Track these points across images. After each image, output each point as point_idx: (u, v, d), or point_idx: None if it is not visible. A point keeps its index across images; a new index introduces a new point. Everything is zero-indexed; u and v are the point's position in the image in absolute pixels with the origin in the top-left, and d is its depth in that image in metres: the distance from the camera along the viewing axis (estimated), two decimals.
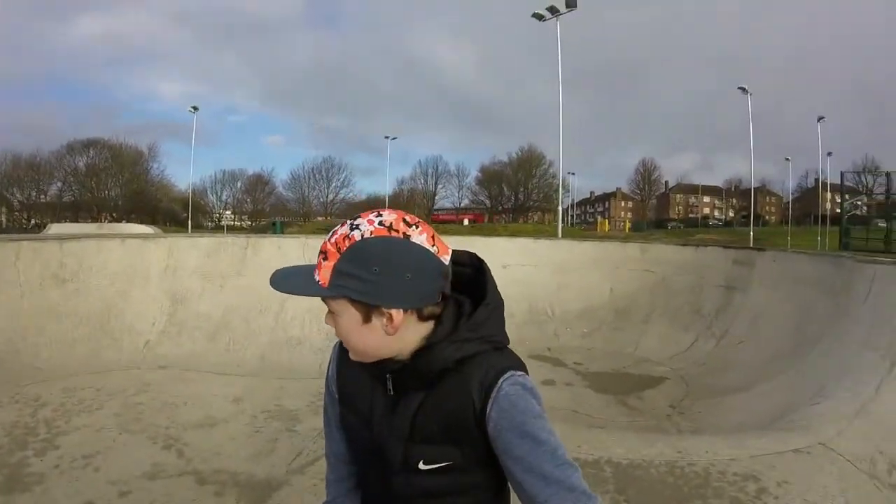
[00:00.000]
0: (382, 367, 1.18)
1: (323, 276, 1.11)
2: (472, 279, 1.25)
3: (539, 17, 30.12)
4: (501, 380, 1.13)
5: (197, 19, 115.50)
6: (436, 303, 1.14)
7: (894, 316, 5.89)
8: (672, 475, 4.11)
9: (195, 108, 53.01)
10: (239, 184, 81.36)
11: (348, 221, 1.13)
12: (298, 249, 8.42)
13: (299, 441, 4.75)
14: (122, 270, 7.47)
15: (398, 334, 1.12)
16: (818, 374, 6.23)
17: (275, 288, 1.16)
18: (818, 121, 48.02)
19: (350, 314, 1.12)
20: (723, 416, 6.40)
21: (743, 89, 42.22)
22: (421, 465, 1.18)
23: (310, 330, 7.53)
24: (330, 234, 1.13)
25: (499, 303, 1.25)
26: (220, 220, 72.53)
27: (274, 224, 57.35)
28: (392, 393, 1.20)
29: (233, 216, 77.43)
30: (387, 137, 65.28)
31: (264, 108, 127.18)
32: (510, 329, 1.28)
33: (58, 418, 4.98)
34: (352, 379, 1.29)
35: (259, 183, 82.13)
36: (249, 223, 75.48)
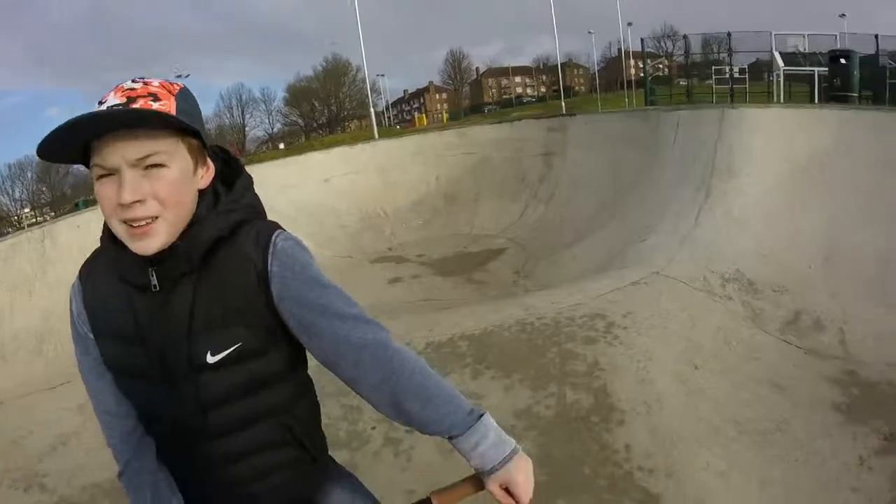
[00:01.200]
0: (141, 266, 1.05)
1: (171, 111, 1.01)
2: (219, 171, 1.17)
3: None
4: (275, 236, 1.09)
5: None
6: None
7: (701, 152, 6.28)
8: (524, 332, 4.07)
9: None
10: (29, 174, 69.97)
11: (142, 78, 1.05)
12: (98, 221, 7.02)
13: None
14: None
15: (189, 202, 1.06)
16: (642, 215, 6.56)
17: (129, 122, 0.98)
18: None
19: (184, 161, 1.04)
20: (563, 269, 6.63)
21: None
22: (209, 358, 1.06)
23: None
24: (135, 82, 1.03)
25: (251, 180, 1.21)
26: (21, 222, 62.61)
27: (77, 205, 50.23)
28: (158, 289, 1.07)
29: (33, 213, 67.06)
30: (178, 76, 58.48)
31: (35, 79, 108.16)
32: (346, 241, 0.90)
33: None
34: (101, 304, 1.13)
35: (50, 165, 71.36)
36: (52, 214, 65.84)
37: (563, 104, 35.05)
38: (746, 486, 2.82)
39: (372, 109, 30.23)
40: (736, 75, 23.39)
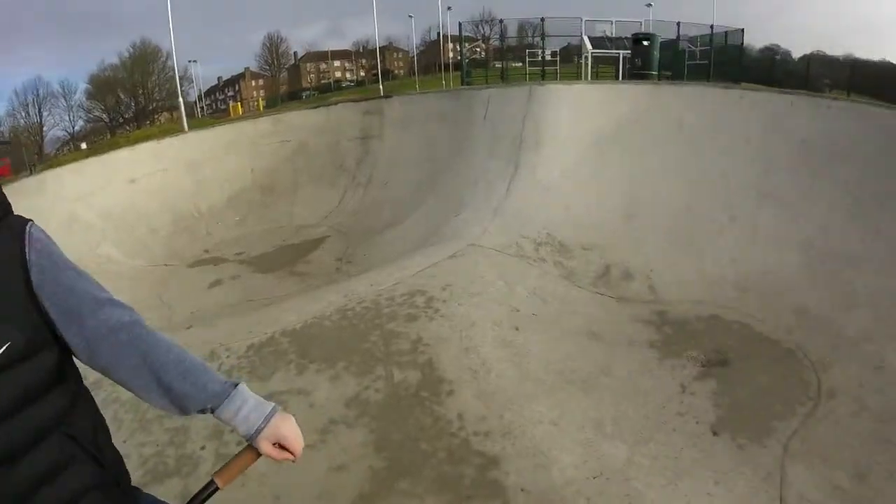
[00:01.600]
0: None
1: None
2: None
3: None
4: (28, 226, 1.10)
5: None
6: None
7: (510, 127, 6.55)
8: (346, 319, 3.95)
9: None
10: None
11: None
12: None
13: None
14: None
15: None
16: (456, 190, 6.69)
17: None
18: None
19: None
20: (385, 250, 6.59)
21: None
22: None
23: None
24: None
25: None
26: None
27: None
28: None
29: None
30: None
31: None
32: (159, 247, 0.70)
33: None
34: None
35: None
36: None
37: (382, 87, 35.16)
38: (579, 431, 2.95)
39: (181, 99, 27.98)
40: (548, 58, 25.02)
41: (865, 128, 4.67)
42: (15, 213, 1.12)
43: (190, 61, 67.30)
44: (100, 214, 8.34)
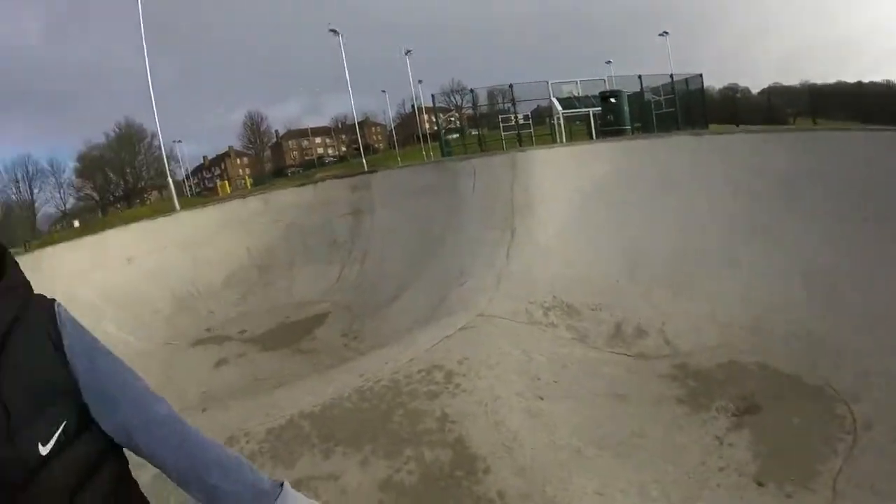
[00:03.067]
0: None
1: None
2: None
3: None
4: (57, 307, 1.09)
5: None
6: None
7: (500, 194, 6.72)
8: (365, 400, 3.92)
9: None
10: None
11: None
12: None
13: None
14: None
15: None
16: (456, 261, 6.76)
17: None
18: (406, 54, 52.38)
19: None
20: (392, 324, 6.59)
21: (334, 31, 43.28)
22: (41, 450, 0.96)
23: None
24: None
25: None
26: None
27: None
28: None
29: None
30: None
31: None
32: (161, 327, 0.77)
33: None
34: None
35: None
36: None
37: (365, 162, 35.84)
38: (626, 498, 2.91)
39: (170, 179, 28.30)
40: (521, 122, 25.88)
41: (835, 153, 4.98)
42: None
43: (175, 141, 68.30)
44: (99, 293, 8.34)
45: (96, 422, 1.06)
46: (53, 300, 1.10)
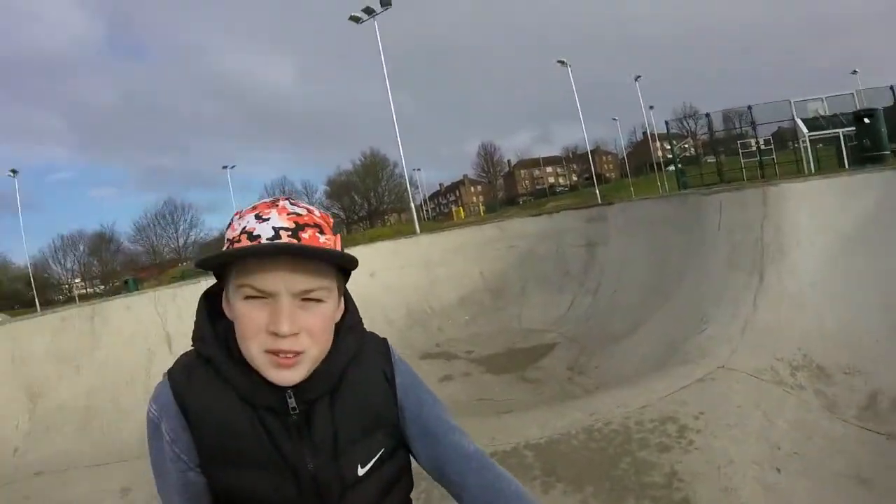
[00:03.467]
0: (274, 389, 1.03)
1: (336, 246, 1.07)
2: None
3: (356, 19, 29.00)
4: (391, 349, 1.22)
5: None
6: None
7: (749, 234, 6.18)
8: (593, 440, 3.92)
9: (14, 172, 44.67)
10: (81, 247, 72.99)
11: (285, 202, 1.06)
12: (150, 305, 7.40)
13: None
14: None
15: (331, 336, 1.09)
16: (695, 303, 6.42)
17: (305, 254, 1.00)
18: (636, 80, 51.74)
19: (334, 298, 1.08)
20: (620, 363, 6.47)
21: (562, 62, 44.49)
22: (359, 471, 1.11)
23: None
24: (294, 205, 1.06)
25: None
26: (70, 291, 65.04)
27: (126, 283, 51.73)
28: (296, 411, 1.05)
29: (83, 283, 69.60)
30: (224, 167, 60.67)
31: (84, 160, 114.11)
32: (395, 336, 0.93)
33: None
34: (218, 427, 1.04)
35: (102, 242, 73.62)
36: (102, 287, 68.05)
37: (598, 192, 35.57)
38: None
39: (412, 204, 31.14)
40: (762, 147, 23.69)
41: None
42: None
43: (415, 169, 75.15)
44: None
45: (404, 447, 1.20)
46: (385, 339, 1.25)
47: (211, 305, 1.11)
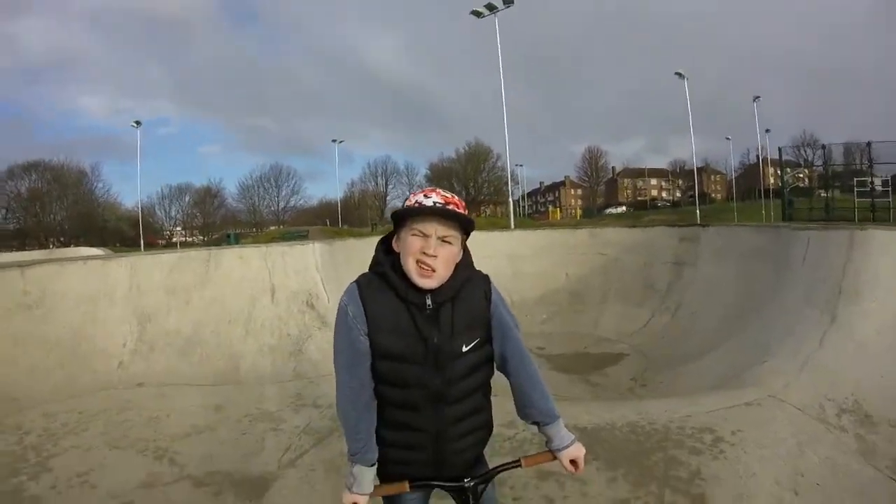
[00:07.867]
0: (420, 292, 1.74)
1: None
2: None
3: (478, 14, 29.97)
4: (490, 280, 1.92)
5: (108, 24, 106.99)
6: None
7: (829, 275, 6.36)
8: (634, 433, 4.48)
9: (138, 123, 49.37)
10: (187, 198, 78.28)
11: (438, 189, 1.81)
12: (260, 259, 8.26)
13: (286, 438, 4.96)
14: (87, 293, 7.16)
15: (454, 265, 1.79)
16: (764, 335, 6.70)
17: (446, 215, 1.73)
18: (754, 100, 49.61)
19: (459, 244, 1.78)
20: (680, 383, 6.85)
21: (679, 74, 43.45)
22: (463, 349, 1.79)
23: (280, 336, 7.53)
24: (445, 192, 1.79)
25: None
26: (171, 237, 70.23)
27: (228, 236, 55.38)
28: (430, 308, 1.75)
29: (183, 231, 74.71)
30: (334, 141, 63.87)
31: (197, 117, 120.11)
32: None
33: (44, 443, 4.97)
34: (383, 310, 1.76)
35: (208, 196, 78.66)
36: (201, 238, 72.86)
37: (699, 212, 34.49)
38: None
39: (511, 199, 31.50)
40: (878, 187, 22.15)
41: None
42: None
43: (517, 165, 74.89)
44: None
45: (490, 343, 1.88)
46: (487, 275, 1.94)
47: (383, 246, 1.85)
